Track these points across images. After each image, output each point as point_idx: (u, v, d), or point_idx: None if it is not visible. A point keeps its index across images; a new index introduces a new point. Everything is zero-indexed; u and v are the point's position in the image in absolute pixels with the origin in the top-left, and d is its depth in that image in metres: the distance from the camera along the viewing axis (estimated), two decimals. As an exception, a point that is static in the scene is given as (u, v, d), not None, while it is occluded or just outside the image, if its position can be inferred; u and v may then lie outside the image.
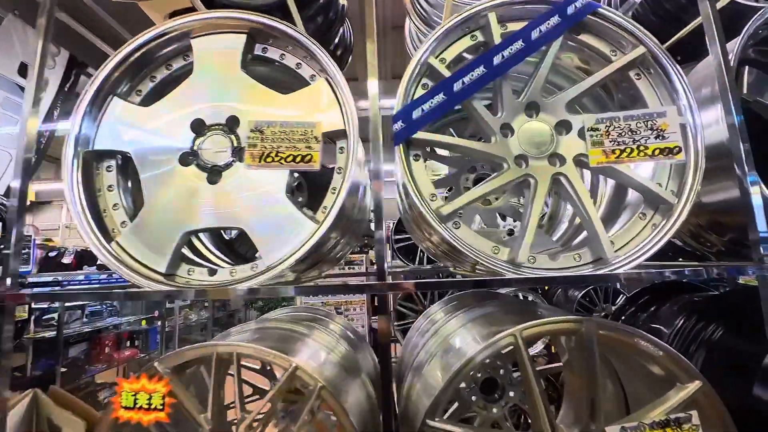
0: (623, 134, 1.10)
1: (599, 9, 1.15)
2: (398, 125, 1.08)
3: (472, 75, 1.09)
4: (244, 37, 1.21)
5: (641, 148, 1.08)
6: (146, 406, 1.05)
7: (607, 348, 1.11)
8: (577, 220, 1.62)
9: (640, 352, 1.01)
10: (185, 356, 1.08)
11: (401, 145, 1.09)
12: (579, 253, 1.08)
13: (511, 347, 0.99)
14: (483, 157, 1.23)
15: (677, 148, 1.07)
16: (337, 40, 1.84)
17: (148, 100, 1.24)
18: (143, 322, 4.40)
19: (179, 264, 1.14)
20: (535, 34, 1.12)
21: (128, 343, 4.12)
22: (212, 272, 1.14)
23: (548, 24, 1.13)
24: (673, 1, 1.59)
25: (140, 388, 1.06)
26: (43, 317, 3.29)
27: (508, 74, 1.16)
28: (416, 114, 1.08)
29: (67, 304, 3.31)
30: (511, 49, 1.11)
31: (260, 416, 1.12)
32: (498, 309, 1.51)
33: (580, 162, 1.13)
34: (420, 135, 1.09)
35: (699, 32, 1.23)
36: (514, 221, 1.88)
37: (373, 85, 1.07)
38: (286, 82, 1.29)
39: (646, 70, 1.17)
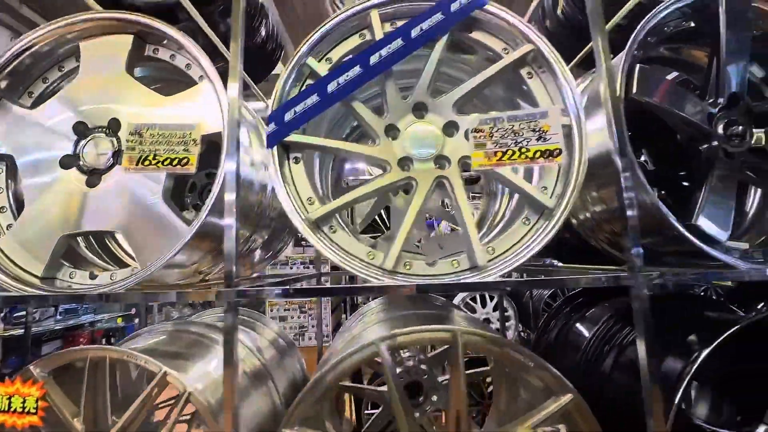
0: (506, 136, 1.06)
1: (487, 5, 1.12)
2: (271, 127, 1.07)
3: (348, 75, 1.07)
4: (130, 38, 1.20)
5: (522, 150, 1.05)
6: (20, 410, 1.07)
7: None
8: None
9: (515, 363, 0.99)
10: (59, 360, 1.09)
11: (275, 147, 1.07)
12: (457, 260, 1.06)
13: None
14: (366, 159, 1.20)
15: (557, 151, 1.03)
16: (264, 35, 1.82)
17: (40, 103, 1.25)
18: (119, 320, 4.47)
19: (60, 267, 1.14)
20: (415, 32, 1.09)
21: (104, 341, 4.20)
22: (93, 276, 1.15)
23: (430, 22, 1.09)
24: None
25: (14, 392, 1.08)
26: (13, 314, 3.37)
27: (393, 73, 1.14)
28: (289, 116, 1.07)
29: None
30: (390, 48, 1.08)
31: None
32: (408, 313, 1.49)
33: (466, 164, 1.10)
34: (293, 137, 1.08)
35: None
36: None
37: (233, 88, 1.05)
38: (181, 83, 1.28)
39: (538, 69, 1.14)
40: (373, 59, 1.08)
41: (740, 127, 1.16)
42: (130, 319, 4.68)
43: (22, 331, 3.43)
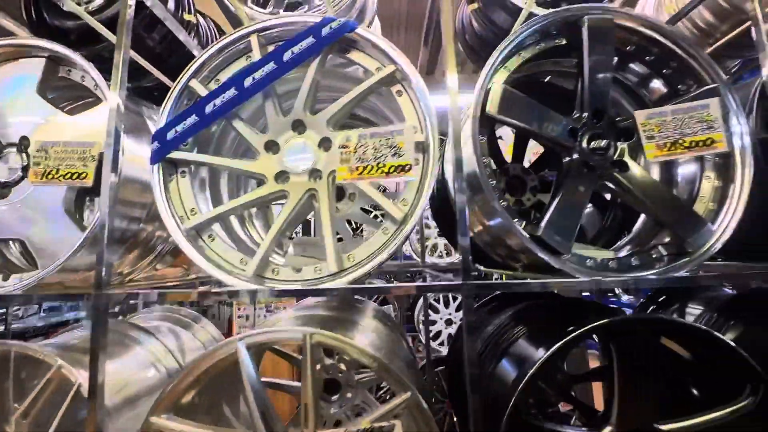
0: (368, 152, 1.16)
1: (357, 29, 1.21)
2: (154, 145, 1.18)
3: (224, 97, 1.18)
4: (42, 61, 1.34)
5: (380, 165, 1.14)
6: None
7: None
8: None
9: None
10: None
11: (159, 164, 1.19)
12: (320, 266, 1.16)
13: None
14: (245, 174, 1.31)
15: (408, 166, 1.12)
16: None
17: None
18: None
19: (-24, 271, 1.29)
20: (287, 56, 1.19)
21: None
22: (6, 278, 1.28)
23: (301, 45, 1.19)
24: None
25: None
26: (-3, 312, 3.59)
27: (274, 93, 1.24)
28: (170, 135, 1.18)
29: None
30: (263, 71, 1.19)
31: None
32: (318, 314, 1.59)
33: (335, 178, 1.20)
34: (176, 154, 1.19)
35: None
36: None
37: (114, 98, 1.17)
38: (94, 102, 1.41)
39: (408, 87, 1.22)
40: (248, 81, 1.18)
41: (603, 141, 1.23)
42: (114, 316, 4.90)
43: (2, 328, 3.65)
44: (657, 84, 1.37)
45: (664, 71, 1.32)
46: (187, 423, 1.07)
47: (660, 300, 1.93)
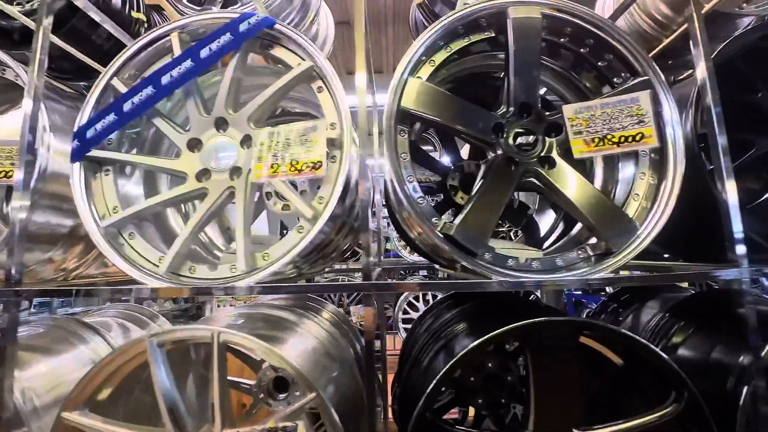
0: (284, 149, 1.15)
1: (276, 25, 1.20)
2: (75, 144, 1.20)
3: (141, 95, 1.18)
4: (-22, 62, 1.37)
5: (293, 162, 1.13)
6: None
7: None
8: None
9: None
10: None
11: (80, 162, 1.20)
12: (235, 265, 1.15)
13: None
14: (167, 173, 1.32)
15: (319, 163, 1.11)
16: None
17: None
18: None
19: None
20: (204, 53, 1.19)
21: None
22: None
23: (219, 42, 1.19)
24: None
25: None
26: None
27: (196, 90, 1.25)
28: (90, 133, 1.19)
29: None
30: (180, 69, 1.19)
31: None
32: (268, 313, 1.59)
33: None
34: (96, 153, 1.20)
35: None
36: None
37: (28, 100, 1.19)
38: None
39: (328, 83, 1.21)
40: (165, 79, 1.18)
41: (530, 137, 1.20)
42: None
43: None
44: (595, 77, 1.32)
45: (599, 63, 1.27)
46: (97, 418, 1.08)
47: (622, 299, 1.88)
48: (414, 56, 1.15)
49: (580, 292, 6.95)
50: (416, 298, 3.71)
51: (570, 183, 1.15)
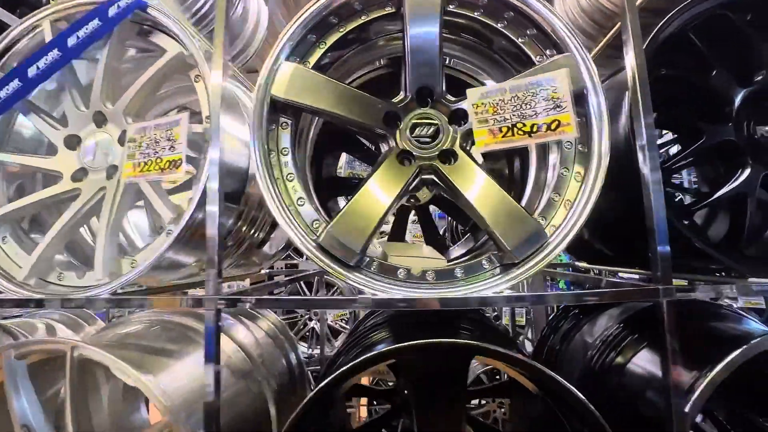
0: (150, 146, 1.04)
1: (149, 8, 1.08)
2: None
3: (8, 89, 1.10)
4: None
5: (157, 160, 1.01)
6: None
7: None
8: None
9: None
10: None
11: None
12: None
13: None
14: (41, 172, 1.24)
15: (179, 161, 0.99)
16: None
17: None
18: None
19: None
20: (71, 41, 1.09)
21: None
22: None
23: (87, 29, 1.09)
24: None
25: None
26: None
27: (75, 82, 1.16)
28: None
29: None
30: (47, 60, 1.09)
31: None
32: (171, 320, 1.51)
33: (128, 175, 1.09)
34: (-33, 151, 1.14)
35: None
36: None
37: None
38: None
39: (202, 72, 1.08)
40: (31, 71, 1.10)
41: (431, 128, 1.03)
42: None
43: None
44: (517, 57, 1.13)
45: (520, 40, 1.08)
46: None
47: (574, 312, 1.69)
48: (291, 35, 1.00)
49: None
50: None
51: (471, 181, 0.98)
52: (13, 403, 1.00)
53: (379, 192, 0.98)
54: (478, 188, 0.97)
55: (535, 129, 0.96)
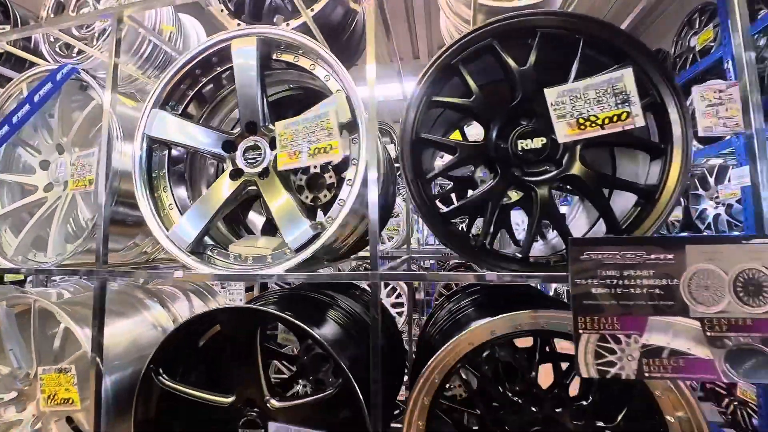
0: (86, 167, 1.52)
1: (78, 73, 1.56)
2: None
3: (1, 131, 1.65)
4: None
5: (86, 178, 1.50)
6: None
7: None
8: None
9: None
10: None
11: (-23, 179, 1.73)
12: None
13: None
14: (25, 187, 1.78)
15: (93, 180, 1.45)
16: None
17: None
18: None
19: None
20: (36, 98, 1.61)
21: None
22: None
23: (45, 89, 1.59)
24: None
25: None
26: None
27: (41, 124, 1.68)
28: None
29: None
30: (23, 110, 1.63)
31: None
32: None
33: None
34: (-16, 173, 1.71)
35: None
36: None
37: None
38: None
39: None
40: (15, 119, 1.64)
41: (258, 151, 1.38)
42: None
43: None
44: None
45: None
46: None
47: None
48: (157, 94, 1.42)
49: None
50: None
51: (274, 192, 1.33)
52: (3, 335, 1.55)
53: (212, 200, 1.37)
54: (275, 198, 1.32)
55: (316, 152, 1.27)
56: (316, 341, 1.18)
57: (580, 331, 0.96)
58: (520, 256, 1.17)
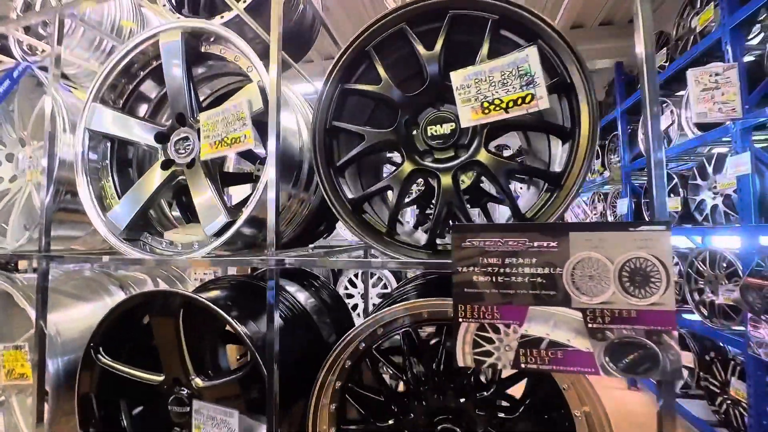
0: (33, 161, 1.60)
1: (32, 70, 1.63)
2: (-50, 160, 1.85)
3: (-29, 125, 1.76)
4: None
5: (36, 170, 1.58)
6: None
7: None
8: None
9: None
10: None
11: (-45, 172, 1.85)
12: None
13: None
14: None
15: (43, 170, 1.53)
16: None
17: None
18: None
19: None
20: (-3, 94, 1.70)
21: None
22: None
23: (4, 85, 1.68)
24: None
25: None
26: None
27: (6, 119, 1.78)
28: (-46, 153, 1.82)
29: None
30: (-14, 105, 1.72)
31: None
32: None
33: (31, 179, 1.69)
34: (-41, 165, 1.83)
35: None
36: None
37: None
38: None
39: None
40: (-19, 115, 1.74)
41: (187, 143, 1.41)
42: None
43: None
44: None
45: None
46: None
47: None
48: (96, 89, 1.47)
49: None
50: (356, 275, 3.97)
51: (198, 181, 1.36)
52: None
53: (143, 189, 1.41)
54: (198, 191, 1.35)
55: (233, 141, 1.29)
56: (225, 320, 1.22)
57: (460, 319, 0.94)
58: (423, 243, 1.15)
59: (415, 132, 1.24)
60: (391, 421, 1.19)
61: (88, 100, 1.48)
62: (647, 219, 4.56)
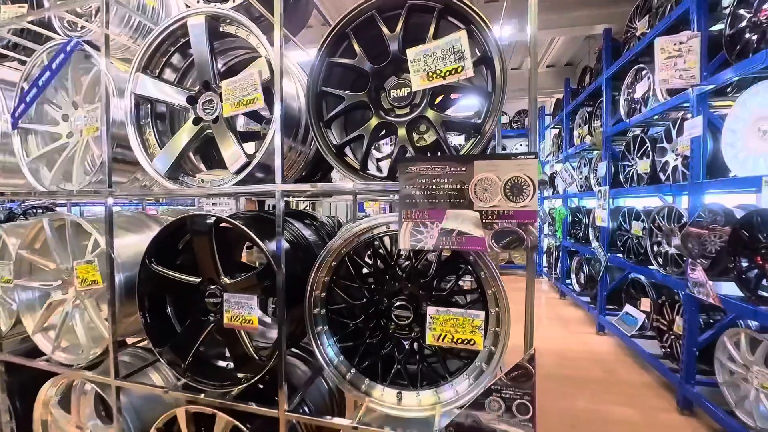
0: (90, 119, 2.12)
1: (82, 45, 2.11)
2: (12, 120, 2.37)
3: (31, 93, 2.26)
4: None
5: (93, 126, 2.10)
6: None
7: None
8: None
9: None
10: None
11: (17, 130, 2.38)
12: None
13: None
14: (51, 134, 2.41)
15: (98, 129, 2.05)
16: None
17: None
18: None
19: None
20: (54, 65, 2.19)
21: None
22: None
23: (59, 58, 2.17)
24: None
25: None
26: None
27: (60, 86, 2.28)
28: (17, 115, 2.34)
29: None
30: (45, 76, 2.22)
31: None
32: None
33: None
34: (22, 125, 2.35)
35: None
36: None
37: None
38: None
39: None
40: (41, 81, 2.25)
41: (212, 104, 1.92)
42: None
43: None
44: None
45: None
46: None
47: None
48: (138, 62, 1.96)
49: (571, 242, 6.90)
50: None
51: (222, 136, 1.87)
52: (49, 241, 2.26)
53: (179, 140, 1.94)
54: (223, 140, 1.87)
55: (249, 102, 1.79)
56: (246, 234, 1.78)
57: (404, 220, 1.49)
58: (385, 174, 1.68)
59: (382, 94, 1.74)
60: (364, 300, 1.78)
61: (132, 70, 1.98)
62: (622, 181, 5.02)
